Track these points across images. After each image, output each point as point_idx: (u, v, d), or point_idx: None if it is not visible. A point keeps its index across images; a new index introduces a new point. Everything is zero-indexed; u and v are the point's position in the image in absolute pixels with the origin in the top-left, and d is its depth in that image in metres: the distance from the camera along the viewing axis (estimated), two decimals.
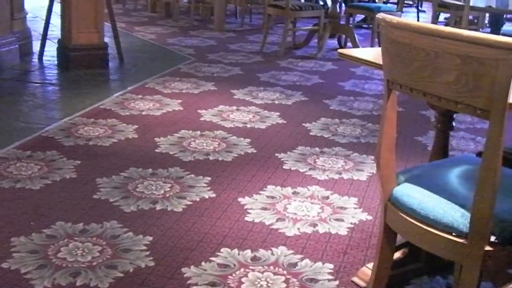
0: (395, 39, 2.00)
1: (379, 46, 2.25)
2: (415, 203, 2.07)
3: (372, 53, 2.64)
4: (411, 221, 2.08)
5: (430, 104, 2.38)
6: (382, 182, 2.20)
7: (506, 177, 2.13)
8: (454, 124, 2.70)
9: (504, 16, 6.85)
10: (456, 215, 1.97)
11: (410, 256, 2.76)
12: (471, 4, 5.78)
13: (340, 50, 2.64)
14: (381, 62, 2.16)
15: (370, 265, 2.62)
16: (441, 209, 2.01)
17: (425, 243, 2.09)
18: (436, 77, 1.90)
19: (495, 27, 6.81)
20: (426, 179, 2.21)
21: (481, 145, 4.45)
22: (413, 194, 2.11)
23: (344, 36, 8.51)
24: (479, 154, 2.36)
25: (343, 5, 10.04)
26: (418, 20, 10.79)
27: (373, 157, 4.12)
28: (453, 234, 1.97)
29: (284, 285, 2.67)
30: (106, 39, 6.55)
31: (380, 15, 2.05)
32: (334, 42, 8.62)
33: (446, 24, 9.18)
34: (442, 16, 10.33)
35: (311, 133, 4.71)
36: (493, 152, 1.83)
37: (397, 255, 2.67)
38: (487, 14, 8.17)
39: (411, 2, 12.27)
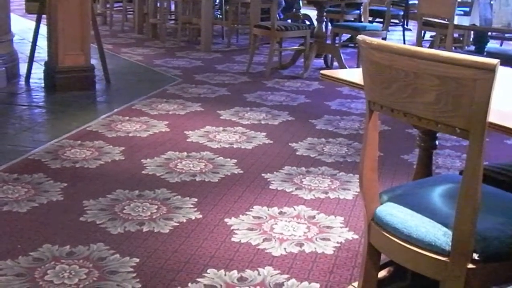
0: (376, 60, 2.02)
1: None
2: (398, 222, 2.09)
3: (354, 74, 2.66)
4: (395, 240, 2.09)
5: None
6: (365, 202, 2.22)
7: (488, 195, 2.16)
8: (437, 142, 2.73)
9: (489, 33, 6.92)
10: (439, 234, 1.98)
11: (396, 275, 2.77)
12: (455, 22, 5.83)
13: (322, 72, 2.66)
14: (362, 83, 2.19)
15: (356, 283, 2.62)
16: (423, 227, 2.02)
17: (408, 262, 2.11)
18: (416, 97, 1.92)
19: (480, 45, 6.86)
20: (409, 198, 2.23)
21: None
22: (396, 213, 2.13)
23: (330, 56, 8.56)
24: (462, 172, 2.38)
25: (329, 24, 10.11)
26: (404, 38, 10.86)
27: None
28: (436, 252, 1.98)
29: None
30: (93, 61, 6.57)
31: (360, 37, 2.07)
32: (320, 62, 8.67)
33: (432, 42, 9.24)
34: (428, 34, 10.40)
35: (297, 153, 4.73)
36: (473, 171, 1.85)
37: (382, 273, 2.68)
38: (472, 32, 8.23)
39: (396, 21, 12.34)
